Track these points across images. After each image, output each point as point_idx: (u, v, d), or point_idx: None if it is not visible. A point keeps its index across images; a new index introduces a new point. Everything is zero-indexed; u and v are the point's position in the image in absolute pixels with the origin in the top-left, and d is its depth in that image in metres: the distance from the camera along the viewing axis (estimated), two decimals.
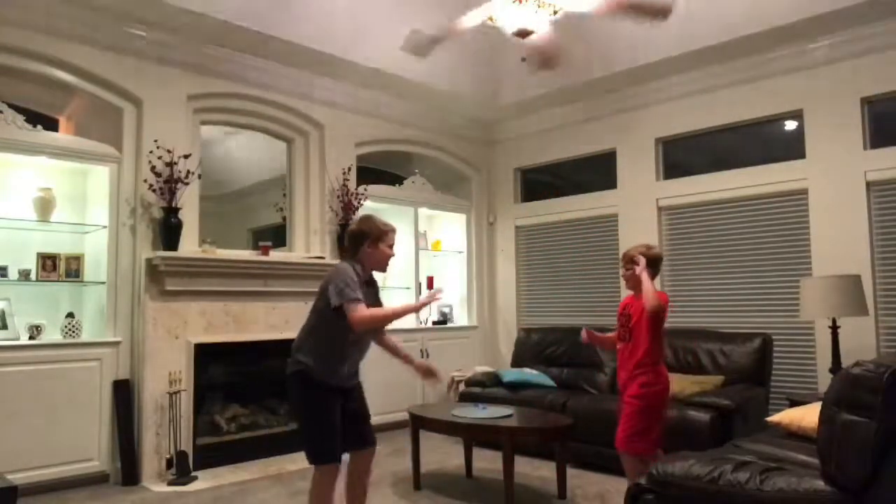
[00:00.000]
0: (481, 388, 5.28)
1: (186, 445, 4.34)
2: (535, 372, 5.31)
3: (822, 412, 2.18)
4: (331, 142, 5.48)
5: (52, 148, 4.13)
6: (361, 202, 5.52)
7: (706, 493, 2.32)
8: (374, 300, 2.98)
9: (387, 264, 2.99)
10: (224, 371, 4.83)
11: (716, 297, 5.20)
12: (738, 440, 2.98)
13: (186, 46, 4.58)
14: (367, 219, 3.02)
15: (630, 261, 3.30)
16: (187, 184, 4.43)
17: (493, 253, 6.88)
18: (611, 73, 5.37)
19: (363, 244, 2.91)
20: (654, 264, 3.29)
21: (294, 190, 5.39)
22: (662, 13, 3.62)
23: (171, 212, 4.36)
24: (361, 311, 2.72)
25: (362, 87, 5.59)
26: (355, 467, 2.99)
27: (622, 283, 5.64)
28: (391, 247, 2.98)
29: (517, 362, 5.81)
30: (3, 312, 4.04)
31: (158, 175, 4.33)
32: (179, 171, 4.39)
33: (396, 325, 6.21)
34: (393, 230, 3.01)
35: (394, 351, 3.17)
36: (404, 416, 4.79)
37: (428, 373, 3.16)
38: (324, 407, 2.78)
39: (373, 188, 5.78)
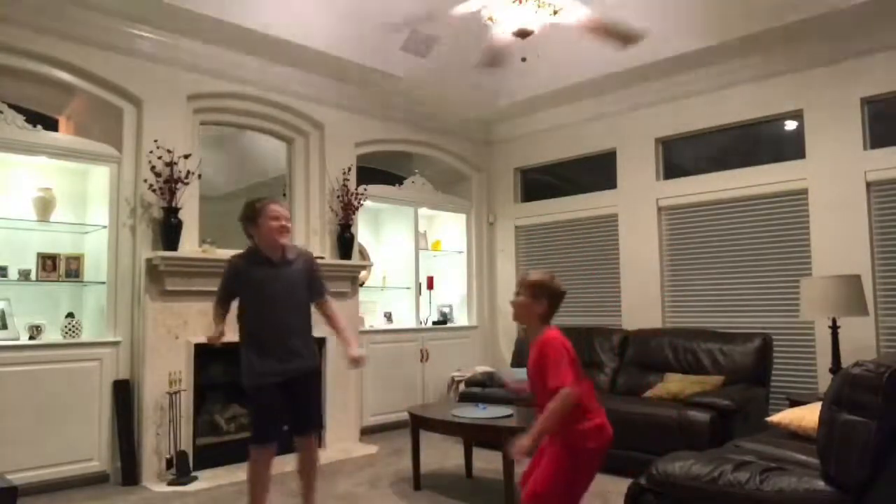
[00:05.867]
0: (481, 388, 5.28)
1: (186, 445, 4.33)
2: None
3: (822, 412, 2.18)
4: (331, 142, 5.48)
5: (52, 148, 4.13)
6: (361, 202, 5.53)
7: (706, 493, 2.32)
8: (285, 281, 3.05)
9: (279, 236, 3.04)
10: (224, 371, 4.82)
11: (716, 297, 5.20)
12: (739, 440, 2.98)
13: (186, 46, 4.58)
14: (245, 204, 3.15)
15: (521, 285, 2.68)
16: (187, 184, 4.43)
17: (493, 253, 6.88)
18: (611, 72, 5.37)
19: (250, 229, 3.09)
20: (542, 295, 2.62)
21: (294, 190, 5.39)
22: (630, 41, 3.81)
23: (171, 212, 4.36)
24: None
25: (362, 87, 5.59)
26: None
27: (621, 283, 5.72)
28: (275, 218, 3.04)
29: (517, 362, 5.82)
30: (3, 312, 4.04)
31: (158, 175, 4.33)
32: (179, 171, 4.39)
33: (397, 325, 6.26)
34: (270, 201, 3.09)
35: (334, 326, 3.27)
36: (404, 416, 4.80)
37: (355, 361, 3.18)
38: None
39: (373, 188, 5.79)
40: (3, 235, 4.13)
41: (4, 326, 4.00)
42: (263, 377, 3.04)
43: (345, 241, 5.41)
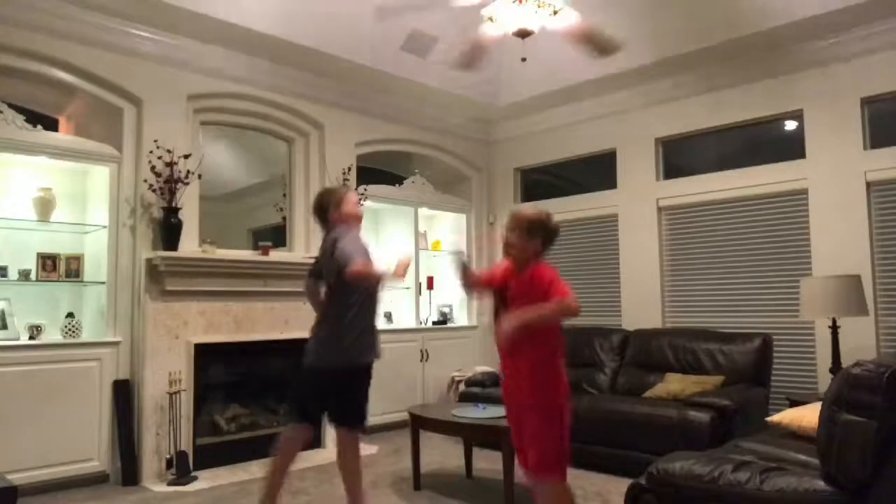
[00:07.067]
0: (481, 388, 5.28)
1: (186, 445, 4.33)
2: None
3: (822, 412, 2.18)
4: (331, 142, 5.48)
5: (52, 148, 4.13)
6: (361, 202, 5.51)
7: (706, 493, 2.32)
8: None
9: (358, 221, 3.24)
10: (224, 371, 4.83)
11: (716, 297, 5.20)
12: (739, 440, 2.98)
13: (186, 46, 4.58)
14: (327, 190, 3.32)
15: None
16: (187, 184, 4.43)
17: (494, 253, 6.88)
18: (611, 73, 5.37)
19: (334, 214, 3.17)
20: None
21: (294, 190, 5.39)
22: (608, 52, 3.86)
23: (171, 212, 4.36)
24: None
25: (362, 87, 5.58)
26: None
27: (621, 283, 5.72)
28: (355, 203, 3.25)
29: None
30: (3, 312, 4.04)
31: (158, 175, 4.33)
32: (179, 171, 4.39)
33: (397, 325, 6.25)
34: (348, 189, 3.34)
35: None
36: (404, 416, 4.79)
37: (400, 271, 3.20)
38: None
39: (373, 188, 5.78)
40: (3, 235, 4.13)
41: (4, 326, 4.00)
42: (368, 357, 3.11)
43: None
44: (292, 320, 4.98)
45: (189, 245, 4.53)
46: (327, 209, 3.19)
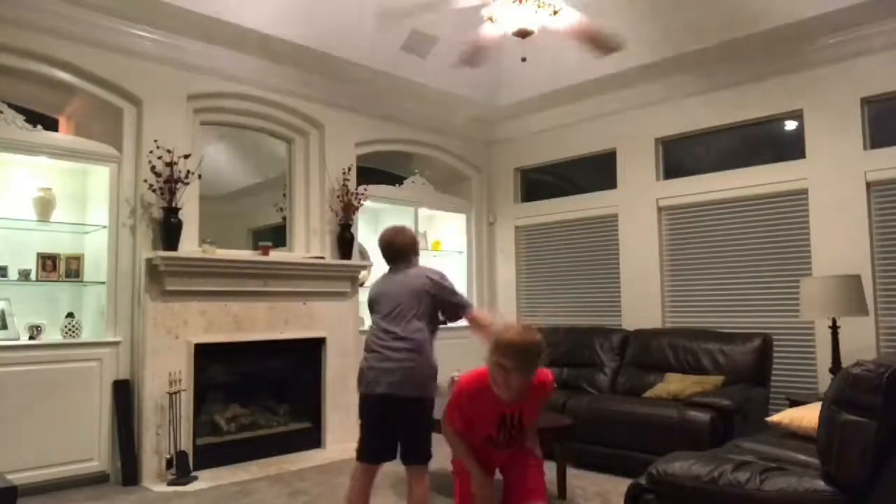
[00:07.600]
0: None
1: (186, 445, 4.33)
2: None
3: (822, 412, 2.18)
4: (331, 142, 5.48)
5: (52, 148, 4.13)
6: (361, 202, 5.52)
7: (706, 493, 2.32)
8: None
9: None
10: (224, 371, 4.83)
11: (716, 297, 5.20)
12: (739, 440, 2.99)
13: (186, 46, 4.58)
14: (405, 231, 3.29)
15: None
16: (187, 184, 4.43)
17: (493, 253, 6.88)
18: (611, 72, 5.37)
19: (416, 255, 3.30)
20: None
21: (294, 190, 5.39)
22: (611, 50, 3.93)
23: (171, 212, 4.36)
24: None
25: (362, 87, 5.58)
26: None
27: (621, 283, 5.71)
28: None
29: None
30: (3, 312, 4.04)
31: (158, 175, 4.33)
32: (179, 171, 4.39)
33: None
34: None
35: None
36: None
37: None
38: None
39: (373, 188, 5.78)
40: (3, 235, 4.13)
41: (4, 326, 4.00)
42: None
43: (345, 241, 5.41)
44: (292, 320, 4.98)
45: (189, 245, 4.53)
46: (415, 248, 3.26)
